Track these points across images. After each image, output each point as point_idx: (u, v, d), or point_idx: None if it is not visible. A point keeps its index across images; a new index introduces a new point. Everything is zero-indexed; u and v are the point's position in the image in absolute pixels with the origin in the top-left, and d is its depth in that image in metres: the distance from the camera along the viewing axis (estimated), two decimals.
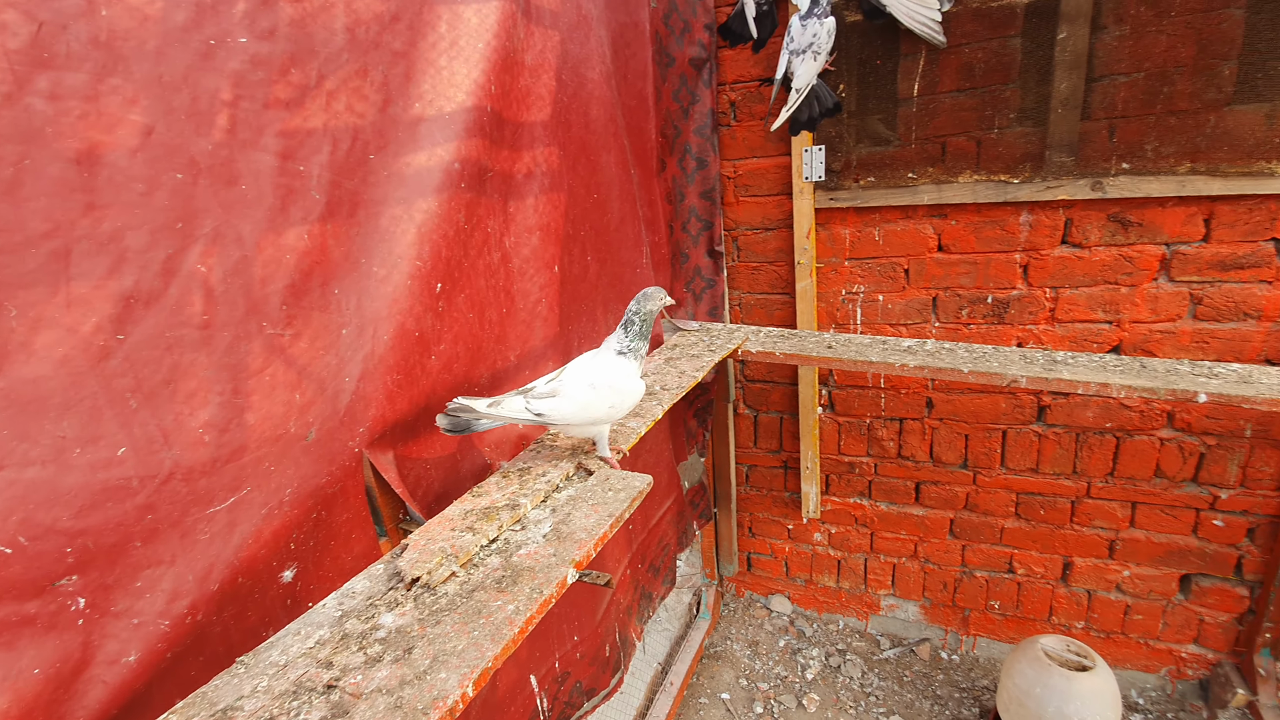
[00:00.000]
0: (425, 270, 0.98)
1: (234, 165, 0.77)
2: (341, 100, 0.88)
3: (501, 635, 0.69)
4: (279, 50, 0.81)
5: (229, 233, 0.77)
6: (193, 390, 0.74)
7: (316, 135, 0.85)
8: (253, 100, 0.79)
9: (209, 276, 0.75)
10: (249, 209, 0.78)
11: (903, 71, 1.66)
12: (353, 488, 0.91)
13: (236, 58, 0.77)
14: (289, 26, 0.82)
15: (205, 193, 0.74)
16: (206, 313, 0.75)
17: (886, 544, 2.12)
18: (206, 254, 0.75)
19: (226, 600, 0.79)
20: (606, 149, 1.46)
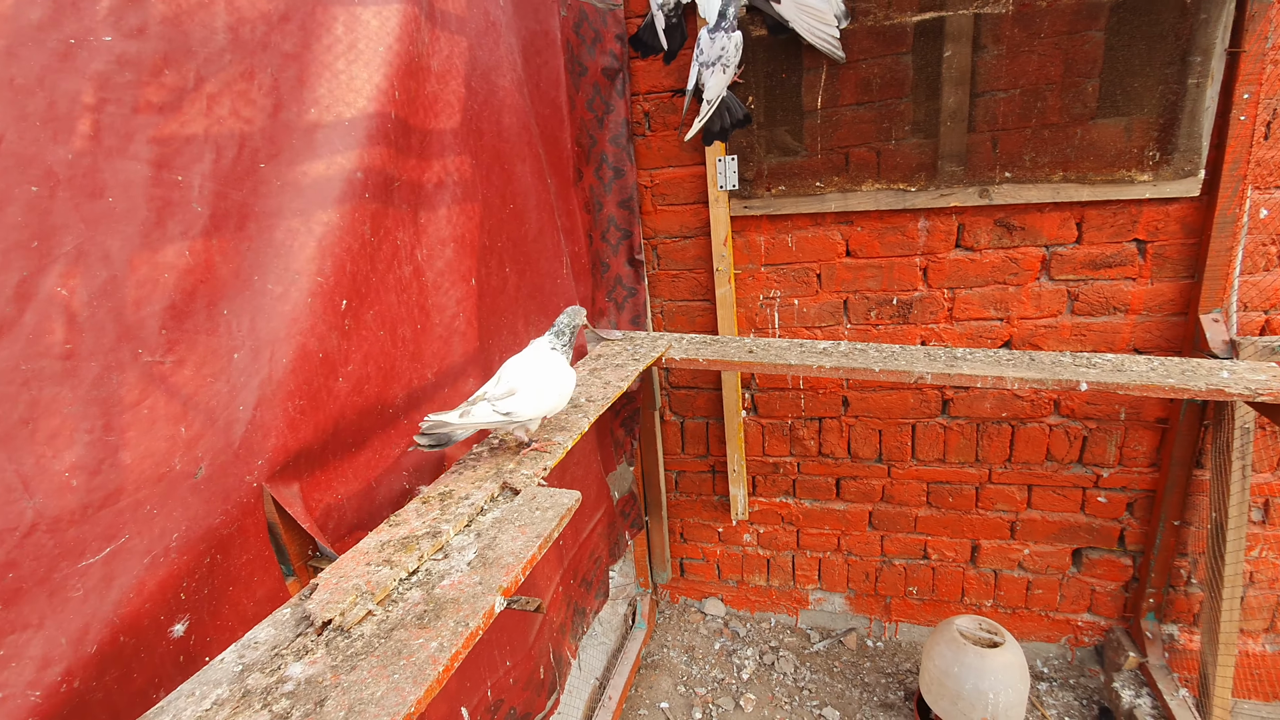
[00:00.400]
0: (328, 286, 0.91)
1: (99, 176, 0.69)
2: (225, 104, 0.81)
3: (425, 676, 0.65)
4: (150, 50, 0.74)
5: (94, 251, 0.68)
6: (55, 429, 0.65)
7: (196, 142, 0.78)
8: (120, 104, 0.71)
9: (71, 300, 0.66)
10: (118, 224, 0.70)
11: (806, 85, 1.73)
12: (252, 526, 0.84)
13: (100, 58, 0.69)
14: (161, 24, 0.75)
15: (65, 207, 0.66)
16: (69, 341, 0.66)
17: (812, 540, 2.19)
18: (68, 275, 0.66)
19: (108, 663, 0.70)
20: (521, 158, 1.43)
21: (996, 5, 1.55)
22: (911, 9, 1.60)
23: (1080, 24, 1.52)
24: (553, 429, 1.23)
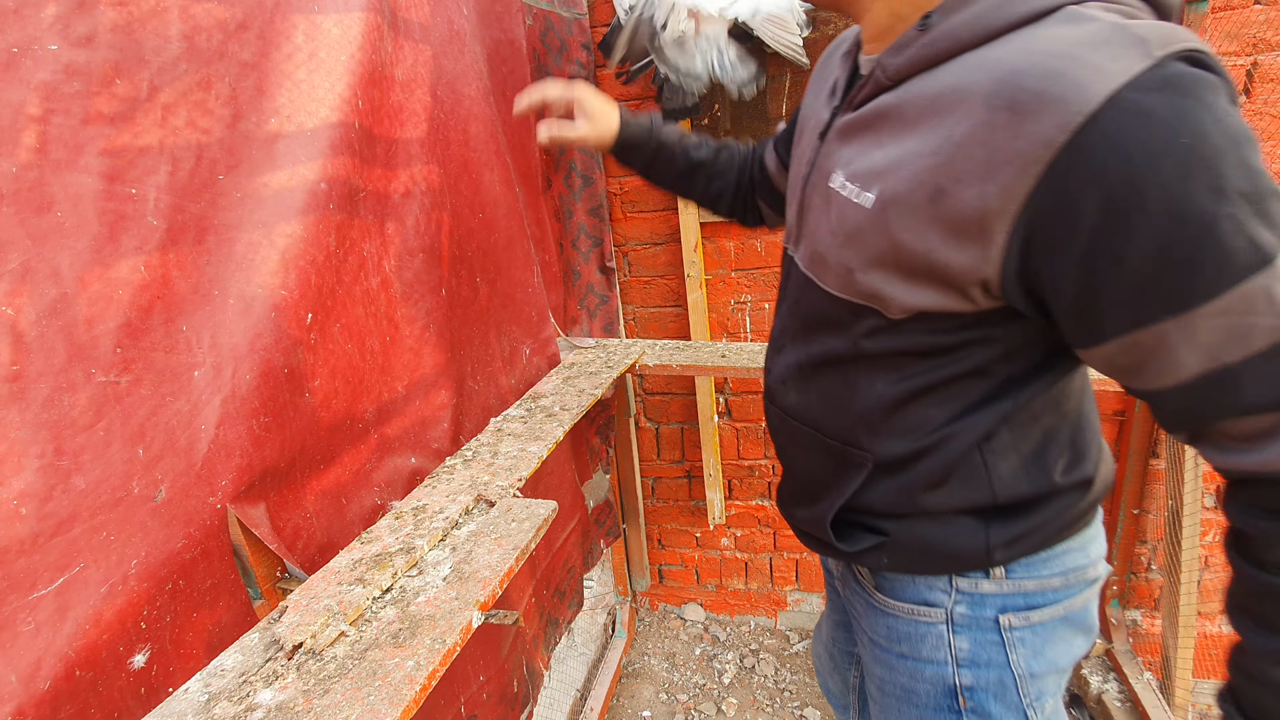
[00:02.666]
0: (292, 300, 0.89)
1: (46, 189, 0.66)
2: (180, 115, 0.78)
3: (401, 696, 0.63)
4: (100, 59, 0.71)
5: (42, 267, 0.66)
6: (2, 455, 0.62)
7: (151, 154, 0.75)
8: (68, 115, 0.69)
9: (17, 320, 0.64)
10: (67, 239, 0.67)
11: (772, 93, 1.75)
12: (217, 549, 0.81)
13: (46, 67, 0.67)
14: (111, 33, 0.73)
15: (10, 223, 0.64)
16: (16, 362, 0.63)
17: (788, 541, 2.20)
18: (13, 294, 0.64)
19: (62, 700, 0.67)
20: (490, 166, 1.42)
21: None
22: None
23: None
24: (527, 439, 1.22)
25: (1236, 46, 1.49)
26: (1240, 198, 0.47)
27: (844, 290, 0.68)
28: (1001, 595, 0.74)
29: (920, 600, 0.77)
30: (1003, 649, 0.75)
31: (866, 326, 0.68)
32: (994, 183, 0.53)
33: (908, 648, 0.80)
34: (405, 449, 1.16)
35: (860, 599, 0.87)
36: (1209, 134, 0.47)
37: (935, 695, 0.79)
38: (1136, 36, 0.49)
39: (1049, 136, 0.49)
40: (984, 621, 0.75)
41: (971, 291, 0.59)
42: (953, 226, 0.56)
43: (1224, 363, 0.50)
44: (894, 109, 0.61)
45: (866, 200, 0.62)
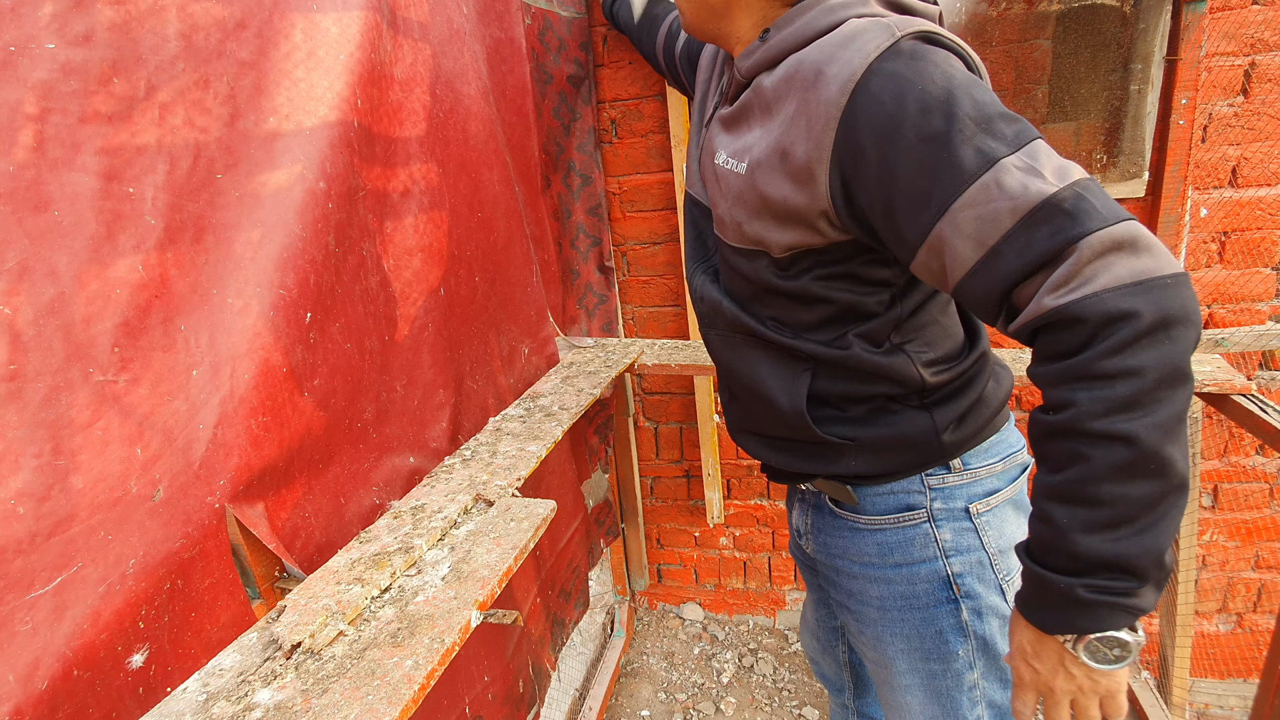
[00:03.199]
0: (291, 299, 0.89)
1: (43, 188, 0.66)
2: (179, 114, 0.78)
3: (400, 696, 0.63)
4: (97, 58, 0.71)
5: (39, 267, 0.65)
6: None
7: (149, 153, 0.75)
8: (65, 114, 0.68)
9: (15, 319, 0.63)
10: (65, 238, 0.67)
11: None
12: (215, 549, 0.81)
13: (43, 66, 0.67)
14: (109, 31, 0.72)
15: (8, 222, 0.63)
16: (14, 361, 0.63)
17: (787, 540, 2.20)
18: (11, 293, 0.63)
19: (60, 699, 0.67)
20: (489, 165, 1.41)
21: (949, 15, 1.59)
22: None
23: (1029, 33, 1.57)
24: (526, 438, 1.22)
25: (1234, 47, 1.50)
26: (969, 120, 0.64)
27: (739, 240, 0.86)
28: (964, 485, 0.89)
29: (903, 507, 0.90)
30: (975, 534, 0.89)
31: (762, 264, 0.84)
32: (811, 139, 0.71)
33: (900, 555, 0.91)
34: (404, 448, 1.16)
35: (841, 534, 0.97)
36: (937, 80, 0.65)
37: (933, 590, 0.90)
38: (883, 25, 0.69)
39: (836, 100, 0.69)
40: (957, 512, 0.89)
41: (820, 225, 0.76)
42: (795, 176, 0.74)
43: (989, 245, 0.63)
44: (752, 101, 0.81)
45: (741, 169, 0.81)
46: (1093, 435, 0.59)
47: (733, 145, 0.84)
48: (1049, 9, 1.55)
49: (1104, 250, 0.58)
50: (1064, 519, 0.63)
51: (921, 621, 0.92)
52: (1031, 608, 0.69)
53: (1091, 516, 0.61)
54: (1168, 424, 0.58)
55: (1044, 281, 0.61)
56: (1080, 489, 0.61)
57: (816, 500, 1.01)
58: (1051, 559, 0.65)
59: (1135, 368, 0.57)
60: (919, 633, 0.92)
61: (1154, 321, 0.57)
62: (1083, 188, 0.61)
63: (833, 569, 1.01)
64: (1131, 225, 0.59)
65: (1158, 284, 0.57)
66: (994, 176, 0.62)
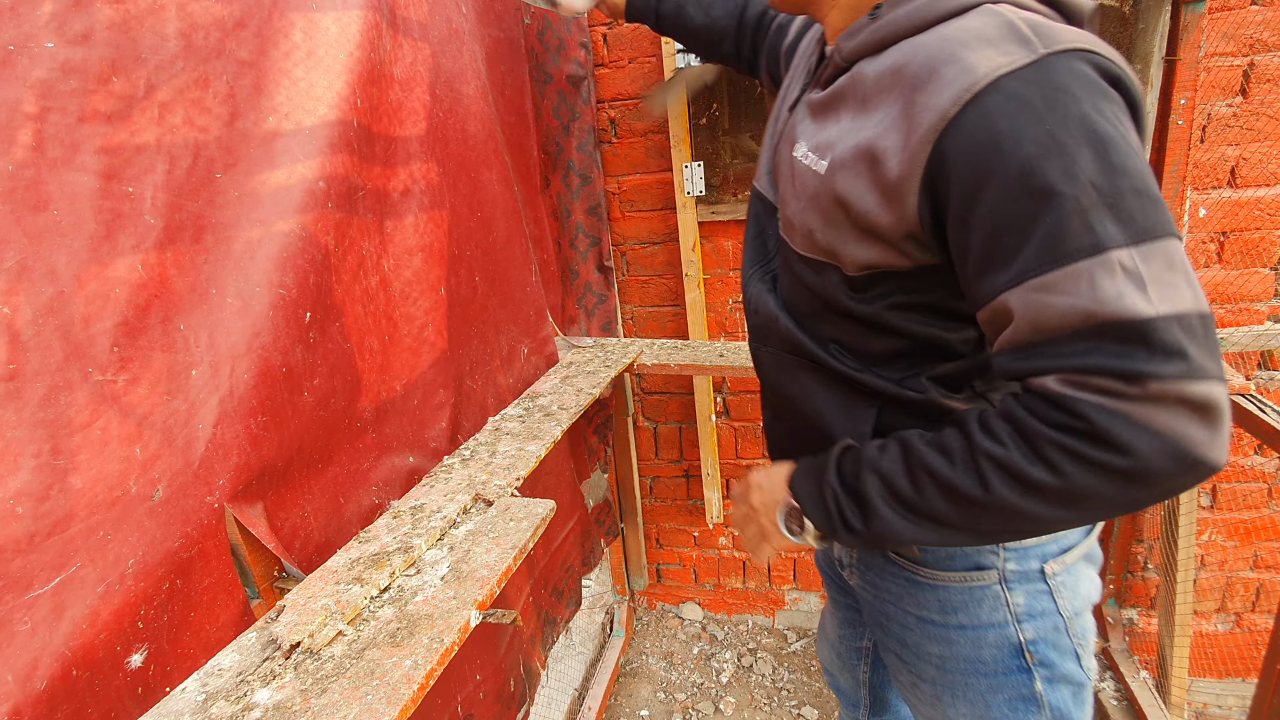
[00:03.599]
0: (290, 298, 0.89)
1: (42, 188, 0.66)
2: (178, 113, 0.78)
3: (399, 696, 0.63)
4: (96, 57, 0.71)
5: (39, 266, 0.65)
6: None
7: (148, 152, 0.75)
8: (65, 113, 0.68)
9: (14, 318, 0.63)
10: (64, 238, 0.67)
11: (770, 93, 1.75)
12: (214, 548, 0.81)
13: (43, 65, 0.67)
14: (108, 30, 0.72)
15: (6, 221, 0.63)
16: (13, 361, 0.63)
17: None
18: (10, 292, 0.63)
19: (59, 699, 0.66)
20: (488, 165, 1.41)
21: None
22: None
23: None
24: (525, 438, 1.22)
25: (1233, 47, 1.50)
26: (1091, 186, 0.52)
27: (808, 249, 0.75)
28: (1040, 544, 0.78)
29: (972, 565, 0.79)
30: (1050, 597, 0.78)
31: (833, 280, 0.74)
32: (908, 150, 0.60)
33: (965, 617, 0.81)
34: (403, 448, 1.16)
35: (894, 581, 0.86)
36: (1071, 124, 0.53)
37: (1003, 658, 0.80)
38: (1023, 34, 0.56)
39: (944, 109, 0.57)
40: (1031, 574, 0.78)
41: (905, 246, 0.65)
42: (882, 189, 0.63)
43: (1045, 333, 0.55)
44: (848, 89, 0.69)
45: (821, 167, 0.70)
46: (985, 467, 0.59)
47: (816, 137, 0.73)
48: None
49: (1169, 400, 0.51)
50: (899, 477, 0.65)
51: (989, 689, 0.82)
52: (807, 464, 0.77)
53: (911, 495, 0.64)
54: (1035, 519, 0.59)
55: (1083, 381, 0.54)
56: (929, 475, 0.63)
57: None
58: (849, 474, 0.70)
59: (1090, 490, 0.55)
60: (985, 700, 0.83)
61: (1154, 479, 0.53)
62: (1184, 327, 0.50)
63: (882, 614, 0.90)
64: (1215, 391, 0.50)
65: (1194, 465, 0.51)
66: (1091, 268, 0.51)
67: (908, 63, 0.61)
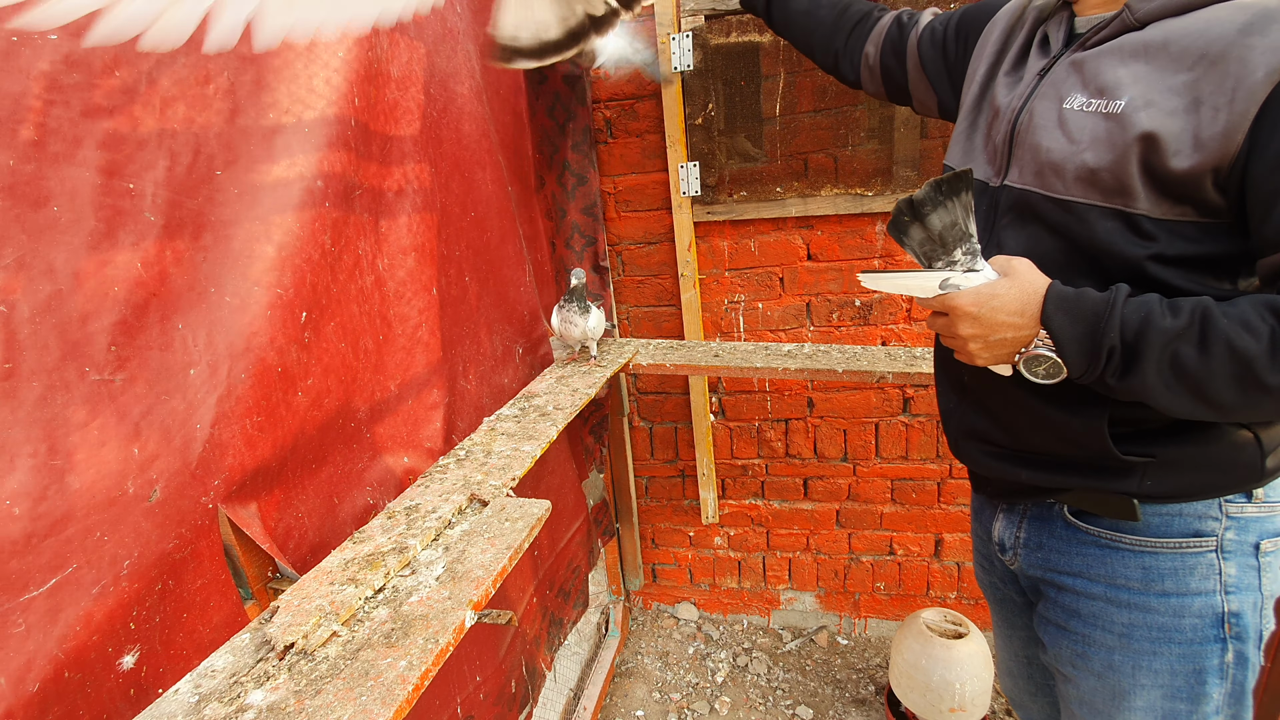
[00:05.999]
0: (288, 298, 0.89)
1: (43, 183, 0.65)
2: (179, 109, 0.78)
3: (394, 696, 0.63)
4: (99, 49, 0.71)
5: (37, 263, 0.65)
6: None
7: (149, 148, 0.74)
8: (67, 107, 0.68)
9: (11, 316, 0.63)
10: (63, 234, 0.67)
11: (765, 92, 1.76)
12: (207, 549, 0.80)
13: (45, 57, 0.66)
14: None
15: (6, 217, 0.63)
16: (9, 360, 0.63)
17: (781, 540, 2.21)
18: (8, 289, 0.63)
19: (50, 701, 0.66)
20: (481, 165, 1.41)
21: None
22: None
23: None
24: (521, 438, 1.22)
25: None
26: None
27: (1084, 193, 0.74)
28: (1262, 518, 0.78)
29: (1190, 532, 0.79)
30: (1258, 573, 0.79)
31: (1106, 228, 0.74)
32: (1244, 89, 0.63)
33: (1172, 584, 0.81)
34: (398, 448, 1.16)
35: (1081, 551, 0.86)
36: None
37: (1203, 627, 0.81)
38: None
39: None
40: (1247, 547, 0.79)
41: (1198, 191, 0.68)
42: (1203, 129, 0.65)
43: None
44: (1139, 41, 0.71)
45: (1116, 107, 0.71)
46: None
47: (1100, 82, 0.74)
48: None
49: None
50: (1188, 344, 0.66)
51: (1179, 657, 0.82)
52: (1070, 301, 0.72)
53: (1195, 367, 0.65)
54: None
55: None
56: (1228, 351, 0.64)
57: (1040, 512, 0.90)
58: (1132, 328, 0.68)
59: None
60: (1172, 669, 0.82)
61: None
62: None
63: (1054, 586, 0.90)
64: None
65: None
66: None
67: (1235, 17, 0.64)
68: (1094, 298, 0.72)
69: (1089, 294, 0.72)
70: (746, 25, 1.71)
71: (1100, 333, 0.69)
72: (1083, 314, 0.71)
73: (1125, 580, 0.83)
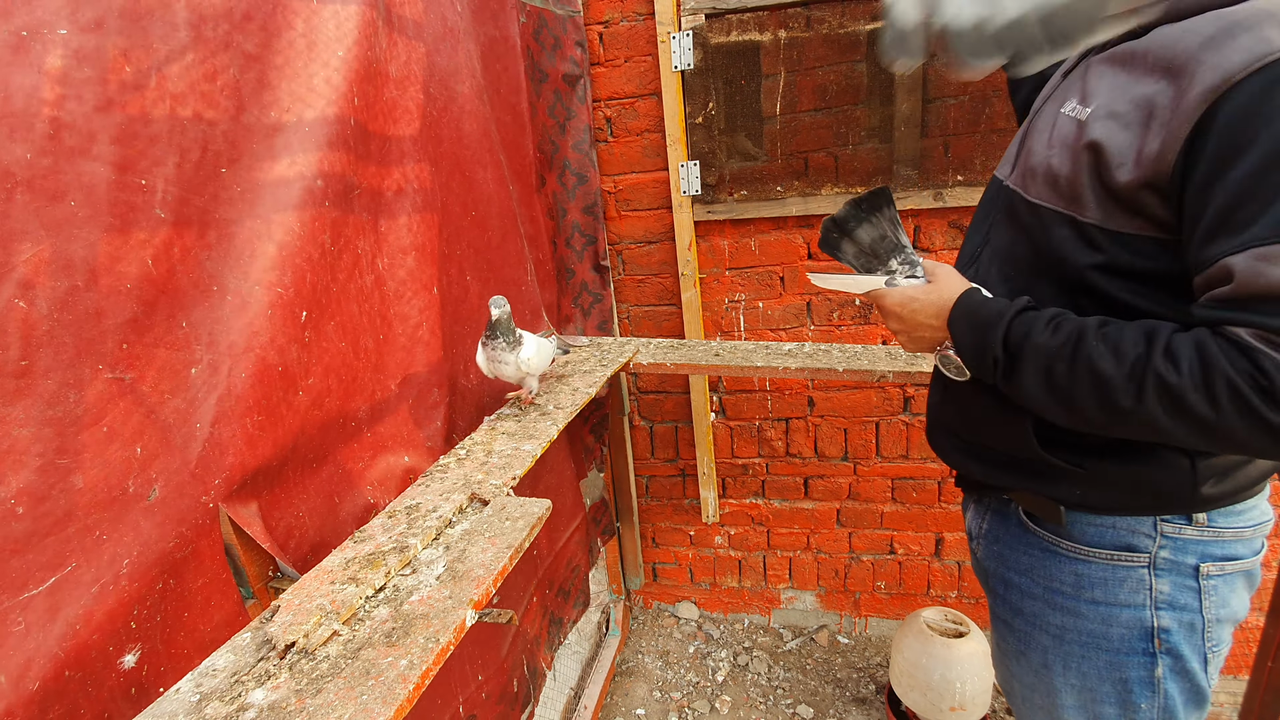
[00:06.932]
0: (288, 297, 0.89)
1: (60, 177, 0.66)
2: (188, 105, 0.77)
3: (394, 696, 0.63)
4: (110, 45, 0.71)
5: (56, 259, 0.65)
6: (3, 452, 0.61)
7: (160, 143, 0.74)
8: (80, 101, 0.68)
9: (30, 313, 0.63)
10: (81, 230, 0.66)
11: (765, 91, 1.76)
12: (208, 548, 0.81)
13: (56, 51, 0.66)
14: (120, 18, 0.72)
15: (24, 211, 0.63)
16: (25, 357, 0.63)
17: (782, 539, 2.21)
18: (27, 285, 0.63)
19: (51, 700, 0.66)
20: (482, 164, 1.41)
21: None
22: (864, 18, 1.64)
23: None
24: (521, 437, 1.22)
25: None
26: None
27: (1047, 197, 0.76)
28: (1203, 542, 0.78)
29: (1122, 545, 0.80)
30: (1197, 595, 0.79)
31: (1059, 236, 0.76)
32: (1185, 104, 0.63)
33: (1101, 593, 0.82)
34: (398, 447, 1.16)
35: (1027, 551, 0.88)
36: None
37: (1130, 639, 0.82)
38: None
39: (1230, 71, 0.61)
40: (1184, 568, 0.79)
41: (1137, 201, 0.68)
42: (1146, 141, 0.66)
43: (1249, 295, 0.61)
44: (1130, 49, 0.72)
45: (1084, 113, 0.73)
46: (1149, 384, 0.64)
47: (1083, 92, 0.76)
48: None
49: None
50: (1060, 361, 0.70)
51: (1106, 665, 0.83)
52: (972, 310, 0.78)
53: (1064, 381, 0.69)
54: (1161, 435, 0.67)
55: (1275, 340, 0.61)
56: (1090, 372, 0.67)
57: (1000, 506, 0.92)
58: (1015, 341, 0.73)
59: (1230, 431, 0.62)
60: (1099, 674, 0.84)
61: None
62: None
63: (1002, 581, 0.92)
64: None
65: None
66: None
67: (1204, 28, 0.64)
68: (992, 309, 0.77)
69: (992, 305, 0.77)
70: (747, 24, 1.71)
71: (986, 342, 0.75)
72: (978, 323, 0.77)
73: (1060, 584, 0.85)
